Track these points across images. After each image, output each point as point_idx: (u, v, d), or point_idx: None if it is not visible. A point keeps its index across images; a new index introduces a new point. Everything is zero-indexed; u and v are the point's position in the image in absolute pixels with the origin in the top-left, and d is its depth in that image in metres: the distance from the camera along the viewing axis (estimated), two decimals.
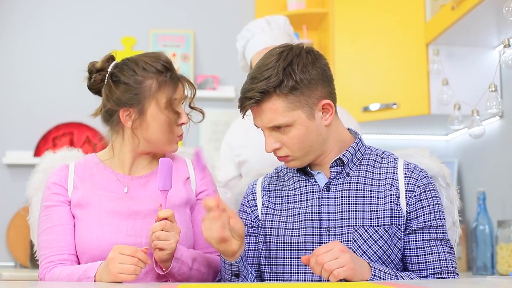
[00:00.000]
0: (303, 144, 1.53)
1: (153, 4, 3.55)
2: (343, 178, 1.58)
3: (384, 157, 1.63)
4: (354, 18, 3.05)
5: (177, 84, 1.63)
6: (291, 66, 1.51)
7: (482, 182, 2.85)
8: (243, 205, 1.68)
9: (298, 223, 1.56)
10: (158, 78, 1.61)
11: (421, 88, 2.80)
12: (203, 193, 1.71)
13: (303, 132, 1.52)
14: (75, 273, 1.50)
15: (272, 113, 1.51)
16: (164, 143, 1.65)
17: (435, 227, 1.54)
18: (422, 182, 1.56)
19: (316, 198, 1.57)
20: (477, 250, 2.53)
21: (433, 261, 1.52)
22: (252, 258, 1.62)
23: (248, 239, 1.63)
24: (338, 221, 1.53)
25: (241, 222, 1.46)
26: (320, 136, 1.55)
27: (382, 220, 1.52)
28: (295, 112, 1.51)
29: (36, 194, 1.77)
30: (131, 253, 1.42)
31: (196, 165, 1.64)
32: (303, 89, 1.50)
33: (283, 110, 1.50)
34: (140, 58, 1.65)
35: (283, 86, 1.49)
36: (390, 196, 1.55)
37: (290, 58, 1.51)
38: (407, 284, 1.29)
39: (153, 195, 1.65)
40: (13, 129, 3.38)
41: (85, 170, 1.69)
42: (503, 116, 2.71)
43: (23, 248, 3.22)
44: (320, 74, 1.53)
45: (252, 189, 1.69)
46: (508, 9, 2.06)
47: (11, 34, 3.45)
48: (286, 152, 1.55)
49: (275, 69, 1.50)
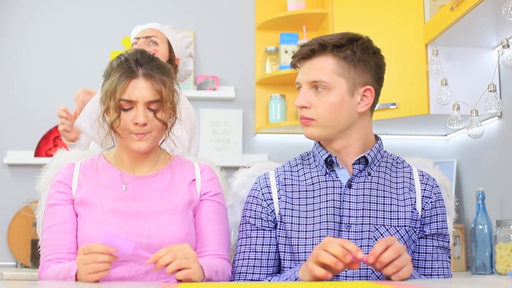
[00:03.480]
0: (332, 114, 1.55)
1: (153, 4, 3.56)
2: (365, 177, 1.59)
3: (399, 162, 1.65)
4: (354, 19, 3.06)
5: (126, 82, 1.59)
6: (356, 41, 1.57)
7: (481, 182, 2.85)
8: (255, 197, 1.65)
9: (319, 218, 1.55)
10: (115, 75, 1.60)
11: (420, 88, 2.81)
12: (207, 194, 1.71)
13: (338, 101, 1.55)
14: (61, 272, 1.51)
15: (319, 69, 1.55)
16: (125, 140, 1.64)
17: (443, 235, 1.59)
18: (437, 191, 1.61)
19: (337, 193, 1.57)
20: (476, 249, 2.53)
21: (438, 268, 1.57)
22: (268, 253, 1.60)
23: (263, 234, 1.61)
24: (359, 219, 1.54)
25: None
26: (350, 118, 1.57)
27: (403, 221, 1.54)
28: (340, 79, 1.55)
29: (45, 190, 1.78)
30: (88, 251, 1.39)
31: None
32: (357, 64, 1.56)
33: (331, 71, 1.55)
34: (118, 55, 1.67)
35: (342, 49, 1.55)
36: (410, 199, 1.57)
37: (358, 37, 1.58)
38: (407, 284, 1.30)
39: (156, 196, 1.66)
40: (14, 129, 3.39)
41: (91, 168, 1.70)
42: (502, 116, 2.71)
43: (24, 247, 3.22)
44: (375, 66, 1.59)
45: (266, 182, 1.65)
46: (507, 9, 2.06)
47: (11, 34, 3.46)
48: (312, 114, 1.57)
49: (342, 35, 1.57)
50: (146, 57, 1.64)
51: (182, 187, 1.69)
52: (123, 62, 1.62)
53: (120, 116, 1.60)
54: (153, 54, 1.68)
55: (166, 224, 1.61)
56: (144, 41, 2.43)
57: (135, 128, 1.60)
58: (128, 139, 1.62)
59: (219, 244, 1.66)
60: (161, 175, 1.70)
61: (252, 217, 1.63)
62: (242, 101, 3.51)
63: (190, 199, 1.68)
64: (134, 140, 1.62)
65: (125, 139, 1.63)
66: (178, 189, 1.68)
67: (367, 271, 1.51)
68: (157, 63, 1.65)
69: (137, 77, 1.60)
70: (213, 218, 1.68)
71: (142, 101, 1.59)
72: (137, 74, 1.60)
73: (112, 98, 1.59)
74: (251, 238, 1.62)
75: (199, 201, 1.70)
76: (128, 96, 1.59)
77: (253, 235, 1.62)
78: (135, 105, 1.60)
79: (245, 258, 1.61)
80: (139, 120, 1.58)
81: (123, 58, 1.63)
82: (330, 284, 1.32)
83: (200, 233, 1.67)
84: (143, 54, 1.64)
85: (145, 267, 1.58)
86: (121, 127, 1.61)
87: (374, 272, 1.50)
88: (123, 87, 1.58)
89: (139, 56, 1.63)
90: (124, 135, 1.62)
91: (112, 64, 1.65)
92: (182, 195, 1.67)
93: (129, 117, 1.60)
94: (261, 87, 3.45)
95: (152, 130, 1.62)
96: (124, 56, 1.64)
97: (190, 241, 1.63)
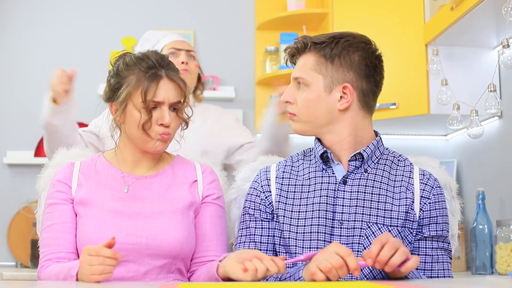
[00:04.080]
0: (309, 110, 1.59)
1: (153, 4, 3.56)
2: (361, 174, 1.59)
3: (400, 160, 1.65)
4: (354, 19, 3.06)
5: (155, 83, 1.60)
6: (341, 38, 1.58)
7: (481, 182, 2.85)
8: (255, 189, 1.67)
9: (311, 213, 1.56)
10: (138, 75, 1.61)
11: (420, 88, 2.81)
12: (209, 197, 1.71)
13: (314, 98, 1.58)
14: (61, 272, 1.50)
15: (301, 66, 1.61)
16: (142, 141, 1.64)
17: (443, 237, 1.58)
18: (437, 191, 1.60)
19: (331, 189, 1.57)
20: (476, 249, 2.53)
21: (438, 270, 1.56)
22: (266, 244, 1.62)
23: (261, 224, 1.63)
24: (352, 215, 1.54)
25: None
26: (330, 114, 1.58)
27: (396, 221, 1.54)
28: (317, 75, 1.58)
29: (45, 189, 1.78)
30: (95, 253, 1.38)
31: None
32: (335, 61, 1.57)
33: (309, 67, 1.59)
34: (131, 55, 1.67)
35: (321, 46, 1.58)
36: (406, 199, 1.57)
37: (346, 34, 1.61)
38: (407, 284, 1.30)
39: (156, 196, 1.65)
40: (14, 129, 3.39)
41: (90, 168, 1.70)
42: (502, 116, 2.71)
43: (23, 247, 3.22)
44: (360, 65, 1.58)
45: (266, 175, 1.68)
46: (507, 9, 2.06)
47: (11, 34, 3.46)
48: (294, 110, 1.62)
49: (330, 34, 1.61)
50: (165, 59, 1.66)
51: (183, 188, 1.68)
52: (145, 62, 1.62)
53: (141, 116, 1.60)
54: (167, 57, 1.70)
55: (166, 225, 1.61)
56: (186, 54, 2.46)
57: (160, 129, 1.61)
58: (149, 140, 1.62)
59: (223, 249, 1.68)
60: (162, 175, 1.70)
61: (252, 207, 1.65)
62: (242, 101, 3.51)
63: (191, 200, 1.68)
64: (154, 141, 1.62)
65: (144, 139, 1.63)
66: (179, 190, 1.68)
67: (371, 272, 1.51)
68: (173, 66, 1.67)
69: (163, 78, 1.62)
70: (217, 222, 1.69)
71: (167, 102, 1.61)
72: (162, 76, 1.62)
73: (143, 98, 1.58)
74: (250, 228, 1.64)
75: (201, 203, 1.70)
76: (157, 97, 1.60)
77: (252, 225, 1.64)
78: (160, 106, 1.61)
79: (244, 247, 1.62)
80: (166, 121, 1.60)
81: (144, 58, 1.63)
82: (330, 284, 1.32)
83: (204, 236, 1.67)
84: (162, 56, 1.66)
85: (144, 268, 1.58)
86: (144, 128, 1.61)
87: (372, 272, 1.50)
88: (154, 88, 1.59)
89: (159, 57, 1.64)
90: (145, 136, 1.62)
91: (128, 63, 1.63)
92: (183, 196, 1.67)
93: (153, 118, 1.60)
94: (261, 87, 3.44)
95: (172, 130, 1.64)
96: (146, 56, 1.64)
97: (190, 242, 1.63)
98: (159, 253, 1.59)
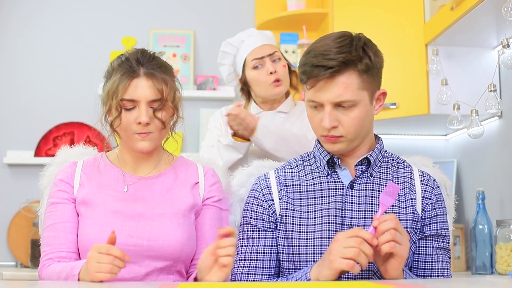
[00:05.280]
0: (360, 127, 1.52)
1: (153, 4, 3.56)
2: (367, 178, 1.58)
3: (399, 162, 1.65)
4: (354, 19, 3.06)
5: (127, 82, 1.58)
6: (367, 46, 1.51)
7: (481, 181, 2.86)
8: (256, 198, 1.63)
9: (320, 219, 1.55)
10: (116, 76, 1.60)
11: (420, 88, 2.81)
12: (210, 199, 1.70)
13: (364, 114, 1.52)
14: (63, 271, 1.50)
15: (344, 87, 1.48)
16: (126, 141, 1.64)
17: (443, 236, 1.58)
18: (437, 192, 1.60)
19: (339, 195, 1.56)
20: (476, 249, 2.53)
21: (438, 269, 1.56)
22: (270, 254, 1.59)
23: (265, 235, 1.60)
24: (361, 220, 1.53)
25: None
26: (371, 124, 1.57)
27: (404, 223, 1.54)
28: (363, 92, 1.51)
29: (47, 187, 1.78)
30: (106, 251, 1.37)
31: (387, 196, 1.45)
32: (373, 72, 1.52)
33: (355, 87, 1.49)
34: (120, 56, 1.66)
35: (362, 62, 1.48)
36: (410, 200, 1.57)
37: (364, 40, 1.52)
38: (407, 284, 1.30)
39: (158, 197, 1.65)
40: (13, 129, 3.39)
41: (93, 168, 1.70)
42: (502, 116, 2.71)
43: (24, 247, 3.22)
44: (381, 63, 1.56)
45: (266, 182, 1.64)
46: (507, 9, 2.06)
47: (11, 34, 3.46)
48: (341, 132, 1.52)
49: (353, 46, 1.49)
50: (147, 56, 1.64)
51: (184, 190, 1.68)
52: (124, 62, 1.62)
53: (121, 115, 1.59)
54: (154, 53, 1.67)
55: (167, 227, 1.61)
56: (270, 59, 2.30)
57: (138, 127, 1.59)
58: (132, 139, 1.62)
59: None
60: (163, 176, 1.69)
61: (253, 218, 1.62)
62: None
63: (193, 202, 1.67)
64: (137, 140, 1.61)
65: (129, 139, 1.62)
66: (180, 192, 1.68)
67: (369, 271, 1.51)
68: (158, 62, 1.65)
69: (138, 76, 1.60)
70: (216, 225, 1.67)
71: (144, 100, 1.59)
72: (139, 73, 1.60)
73: (114, 97, 1.58)
74: (252, 239, 1.61)
75: (202, 205, 1.70)
76: (130, 96, 1.58)
77: (254, 236, 1.61)
78: (137, 104, 1.59)
79: (246, 259, 1.60)
80: (142, 120, 1.58)
81: (124, 58, 1.63)
82: (330, 284, 1.32)
83: (203, 238, 1.67)
84: (144, 53, 1.64)
85: (144, 269, 1.58)
86: (124, 127, 1.60)
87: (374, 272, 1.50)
88: (124, 86, 1.58)
89: (140, 55, 1.63)
90: (127, 135, 1.62)
91: (113, 64, 1.64)
92: (185, 198, 1.66)
93: (132, 117, 1.59)
94: None
95: (154, 129, 1.61)
96: (125, 56, 1.64)
97: (190, 244, 1.63)
98: (160, 255, 1.59)
